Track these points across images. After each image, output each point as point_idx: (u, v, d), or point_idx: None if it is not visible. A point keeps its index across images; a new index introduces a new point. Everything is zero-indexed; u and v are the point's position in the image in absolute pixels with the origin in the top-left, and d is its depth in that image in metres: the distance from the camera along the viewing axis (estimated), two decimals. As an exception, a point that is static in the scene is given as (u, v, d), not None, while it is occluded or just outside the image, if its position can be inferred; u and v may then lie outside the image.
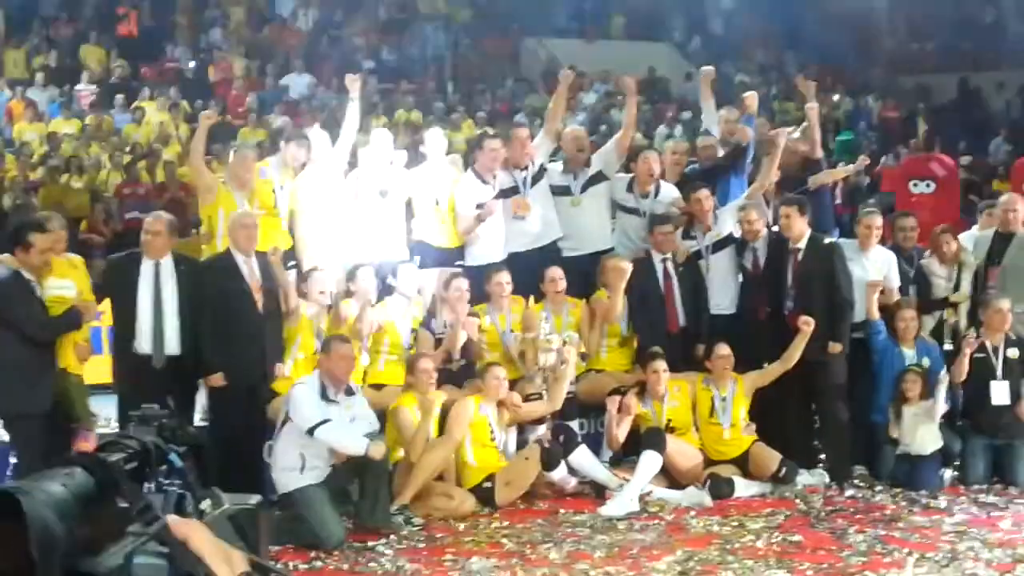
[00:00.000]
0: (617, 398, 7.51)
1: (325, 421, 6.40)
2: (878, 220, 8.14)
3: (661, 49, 24.29)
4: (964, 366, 7.61)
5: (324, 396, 6.58)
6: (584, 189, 8.40)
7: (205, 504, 1.67)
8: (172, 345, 7.01)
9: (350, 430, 6.54)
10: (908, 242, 8.33)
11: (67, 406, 6.79)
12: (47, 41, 18.79)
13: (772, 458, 7.45)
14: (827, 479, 7.58)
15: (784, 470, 7.39)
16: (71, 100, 17.26)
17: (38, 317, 6.60)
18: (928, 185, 10.44)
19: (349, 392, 6.74)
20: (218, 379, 7.03)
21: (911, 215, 8.77)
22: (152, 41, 19.66)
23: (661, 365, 7.52)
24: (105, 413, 8.37)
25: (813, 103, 9.05)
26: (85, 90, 17.19)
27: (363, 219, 8.04)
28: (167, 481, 1.65)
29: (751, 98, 8.76)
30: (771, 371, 7.61)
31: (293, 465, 6.50)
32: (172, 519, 1.55)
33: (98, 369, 7.78)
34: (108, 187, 14.89)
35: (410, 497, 6.88)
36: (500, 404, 7.34)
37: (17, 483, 1.41)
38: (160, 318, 6.97)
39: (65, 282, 6.78)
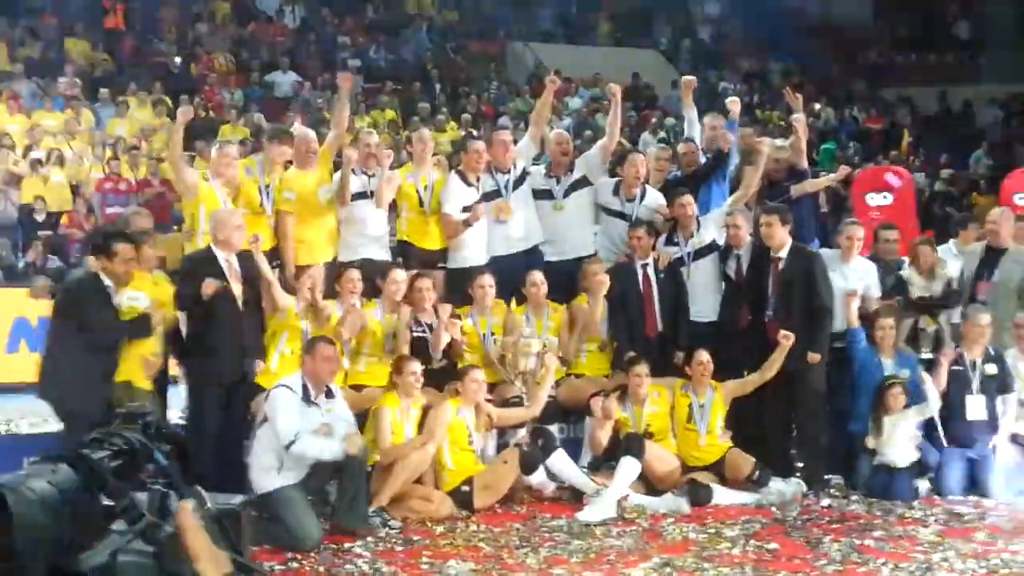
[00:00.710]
0: (600, 400, 7.52)
1: (297, 436, 6.37)
2: (860, 231, 8.20)
3: (647, 55, 24.37)
4: (942, 377, 7.67)
5: (305, 397, 6.56)
6: (567, 194, 8.42)
7: (190, 503, 1.66)
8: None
9: (322, 439, 6.48)
10: (889, 253, 8.39)
11: None
12: (31, 33, 18.67)
13: (747, 462, 7.47)
14: (804, 488, 7.60)
15: (758, 473, 7.40)
16: (55, 93, 17.15)
17: (106, 320, 6.61)
18: (884, 197, 10.54)
19: (329, 394, 6.73)
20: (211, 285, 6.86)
21: (894, 227, 8.80)
22: (137, 35, 19.57)
23: (643, 369, 7.54)
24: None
25: (799, 113, 9.09)
26: (68, 83, 17.08)
27: (348, 219, 8.03)
28: (151, 480, 1.64)
29: (734, 104, 8.79)
30: (750, 381, 7.64)
31: (271, 465, 6.47)
32: (184, 509, 1.55)
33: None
34: (90, 181, 14.82)
35: (388, 500, 6.87)
36: (478, 407, 7.34)
37: (3, 479, 1.40)
38: None
39: (138, 293, 6.78)
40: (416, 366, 7.16)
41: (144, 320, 6.74)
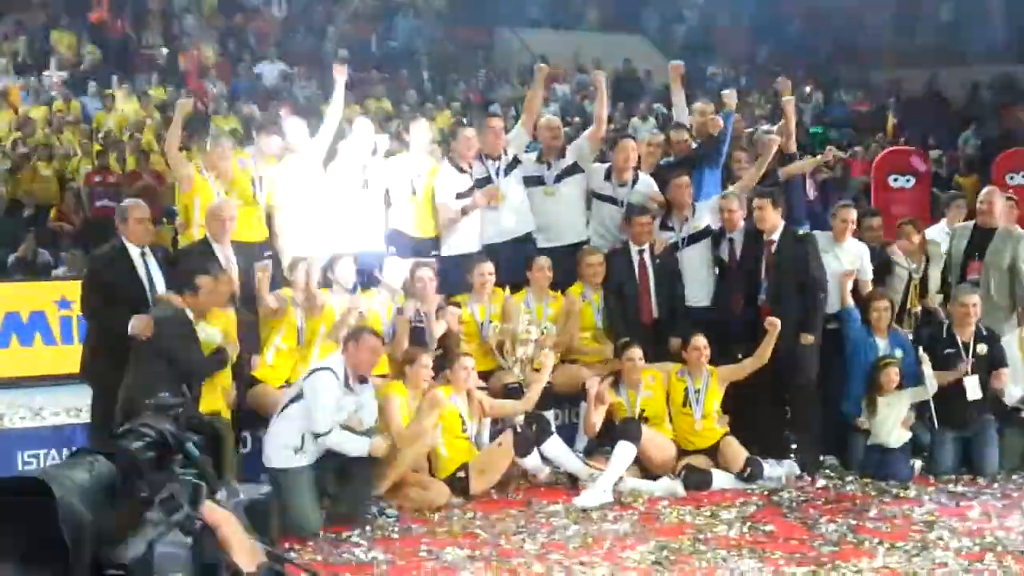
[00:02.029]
0: (596, 381, 7.52)
1: (332, 428, 6.45)
2: (853, 213, 8.22)
3: (635, 41, 24.33)
4: (948, 379, 7.69)
5: (346, 383, 6.62)
6: (558, 179, 8.41)
7: (221, 495, 1.67)
8: None
9: (356, 436, 6.55)
10: (875, 240, 8.43)
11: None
12: (17, 26, 18.56)
13: (740, 454, 7.46)
14: (797, 470, 7.62)
15: (749, 469, 7.39)
16: (41, 86, 17.07)
17: (196, 356, 6.59)
18: (908, 180, 10.52)
19: (363, 381, 6.79)
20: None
21: (878, 214, 8.82)
22: (124, 27, 19.46)
23: (636, 353, 7.55)
24: (74, 403, 8.37)
25: (789, 98, 9.09)
26: (55, 76, 17.00)
27: (342, 209, 8.00)
28: (183, 470, 1.64)
29: (730, 95, 8.76)
30: (744, 366, 7.64)
31: (291, 444, 6.51)
32: (209, 506, 1.56)
33: (69, 359, 7.73)
34: (78, 175, 14.76)
35: (386, 488, 6.89)
36: (469, 394, 7.35)
37: (44, 470, 1.41)
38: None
39: (213, 329, 6.75)
40: (428, 359, 7.17)
41: (221, 355, 6.72)
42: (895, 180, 10.45)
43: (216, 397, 6.75)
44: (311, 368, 6.78)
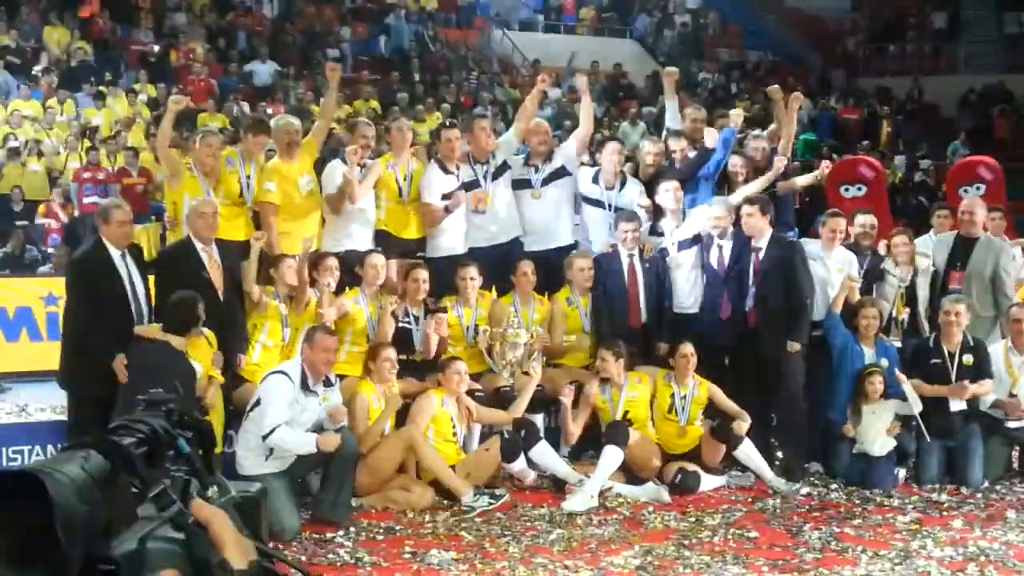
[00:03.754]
0: (571, 390, 7.53)
1: (277, 427, 6.34)
2: (842, 223, 8.23)
3: (626, 45, 24.40)
4: (941, 392, 7.71)
5: (304, 386, 6.56)
6: (545, 183, 8.41)
7: (211, 491, 1.67)
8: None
9: (300, 433, 6.45)
10: (866, 239, 8.43)
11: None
12: (7, 22, 18.49)
13: (719, 448, 7.52)
14: (752, 479, 7.61)
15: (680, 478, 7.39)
16: (31, 81, 17.01)
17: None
18: (859, 188, 10.58)
19: (328, 383, 6.73)
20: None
21: (870, 213, 8.85)
22: (114, 24, 19.41)
23: (610, 352, 7.54)
24: (60, 400, 8.32)
25: (795, 95, 9.06)
26: (45, 72, 16.94)
27: (331, 208, 7.99)
28: (174, 467, 1.64)
29: (737, 114, 8.74)
30: (731, 404, 7.61)
31: (258, 450, 6.48)
32: (197, 503, 1.55)
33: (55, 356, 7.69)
34: (67, 171, 14.73)
35: (375, 499, 6.90)
36: (459, 399, 7.35)
37: (38, 464, 1.40)
38: (139, 307, 6.90)
39: (195, 365, 6.68)
40: (391, 353, 7.16)
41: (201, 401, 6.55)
42: (846, 190, 10.52)
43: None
44: (267, 372, 6.74)
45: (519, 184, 8.41)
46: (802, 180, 9.17)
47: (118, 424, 1.70)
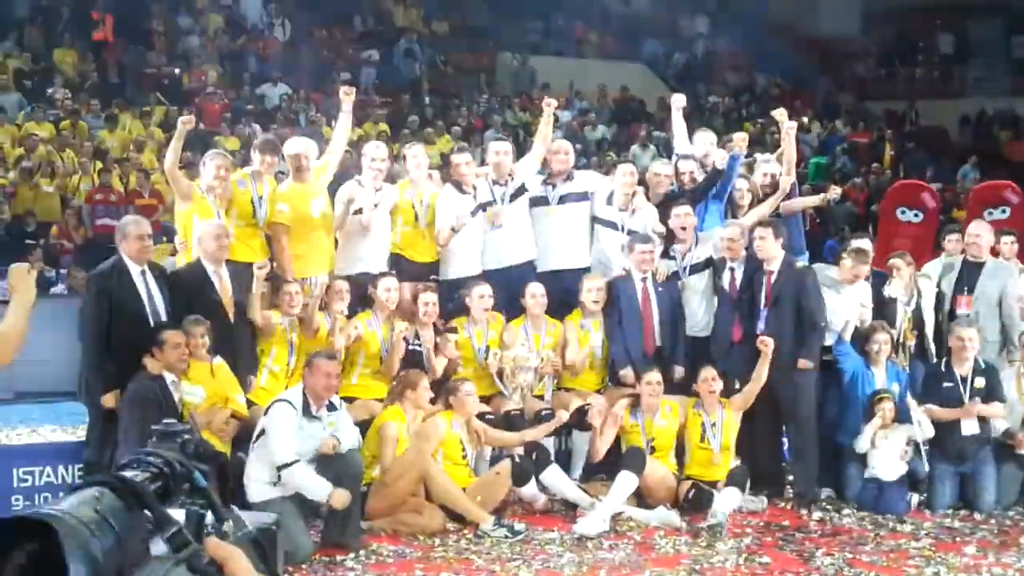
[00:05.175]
0: (600, 411, 7.48)
1: (295, 462, 6.34)
2: (865, 269, 8.17)
3: (635, 68, 24.45)
4: (954, 415, 7.68)
5: (307, 412, 6.54)
6: (561, 201, 8.42)
7: (227, 526, 1.63)
8: None
9: (315, 477, 6.40)
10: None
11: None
12: (20, 44, 18.62)
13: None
14: (765, 503, 7.60)
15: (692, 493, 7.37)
16: (45, 104, 17.11)
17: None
18: (916, 215, 10.54)
19: (331, 408, 6.71)
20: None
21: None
22: (127, 47, 19.54)
23: (655, 377, 7.55)
24: (71, 420, 8.34)
25: (791, 124, 9.08)
26: (59, 94, 17.04)
27: (345, 232, 8.01)
28: (189, 500, 1.60)
29: (741, 139, 8.76)
30: (750, 391, 7.60)
31: (266, 478, 6.46)
32: (213, 542, 1.52)
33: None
34: (80, 192, 14.78)
35: (385, 523, 6.89)
36: (469, 421, 7.34)
37: (50, 508, 1.37)
38: (158, 324, 6.90)
39: (195, 388, 6.74)
40: (427, 381, 7.17)
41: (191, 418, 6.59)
42: (903, 213, 10.46)
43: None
44: (271, 401, 6.73)
45: (536, 201, 8.41)
46: (805, 203, 9.17)
47: (131, 458, 1.67)
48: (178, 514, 1.60)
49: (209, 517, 1.64)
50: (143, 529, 1.49)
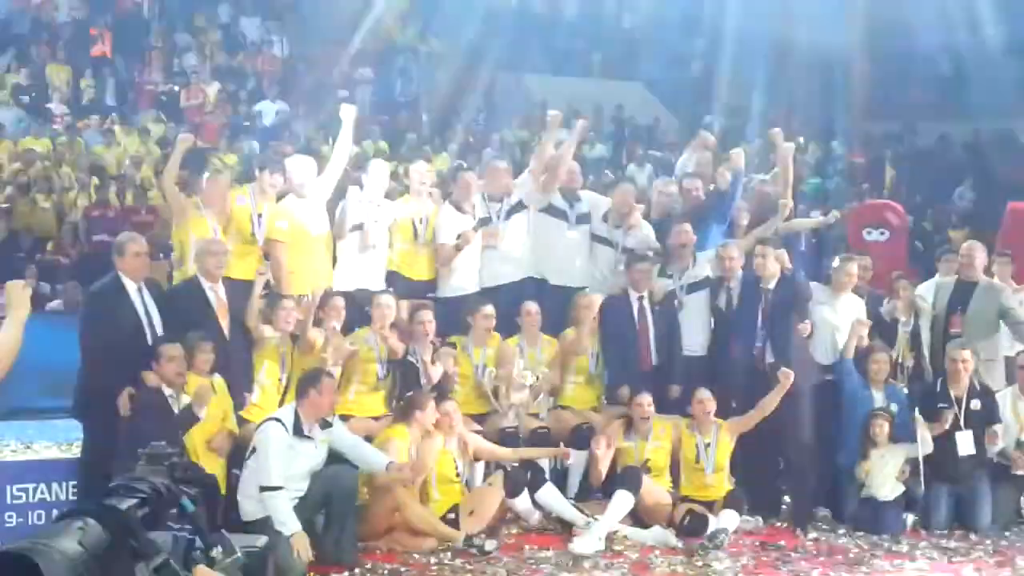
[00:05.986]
0: (602, 439, 7.48)
1: (278, 488, 6.31)
2: (854, 267, 8.22)
3: (634, 88, 24.51)
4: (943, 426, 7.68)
5: (298, 432, 6.51)
6: (579, 221, 8.43)
7: (216, 551, 1.62)
8: None
9: (289, 512, 6.31)
10: (863, 280, 8.46)
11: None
12: (18, 60, 18.63)
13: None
14: (760, 523, 7.59)
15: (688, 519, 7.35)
16: (42, 119, 17.13)
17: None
18: (882, 233, 10.60)
19: (325, 425, 6.68)
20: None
21: (866, 254, 8.83)
22: (124, 64, 19.57)
23: (646, 399, 7.54)
24: (65, 437, 8.30)
25: (789, 145, 9.10)
26: (56, 110, 17.05)
27: (344, 249, 8.00)
28: (177, 526, 1.58)
29: (739, 155, 8.77)
30: (752, 416, 7.59)
31: (257, 496, 6.43)
32: (201, 571, 1.51)
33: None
34: (77, 208, 14.76)
35: (380, 540, 6.86)
36: (461, 437, 7.32)
37: (32, 541, 1.35)
38: (155, 341, 6.87)
39: (188, 399, 6.69)
40: (434, 404, 7.18)
41: (187, 412, 6.59)
42: (869, 233, 10.56)
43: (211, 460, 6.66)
44: (263, 419, 6.70)
45: (555, 213, 8.40)
46: (804, 223, 9.18)
47: (119, 484, 1.65)
48: (166, 540, 1.58)
49: (197, 542, 1.62)
50: (128, 561, 1.47)
